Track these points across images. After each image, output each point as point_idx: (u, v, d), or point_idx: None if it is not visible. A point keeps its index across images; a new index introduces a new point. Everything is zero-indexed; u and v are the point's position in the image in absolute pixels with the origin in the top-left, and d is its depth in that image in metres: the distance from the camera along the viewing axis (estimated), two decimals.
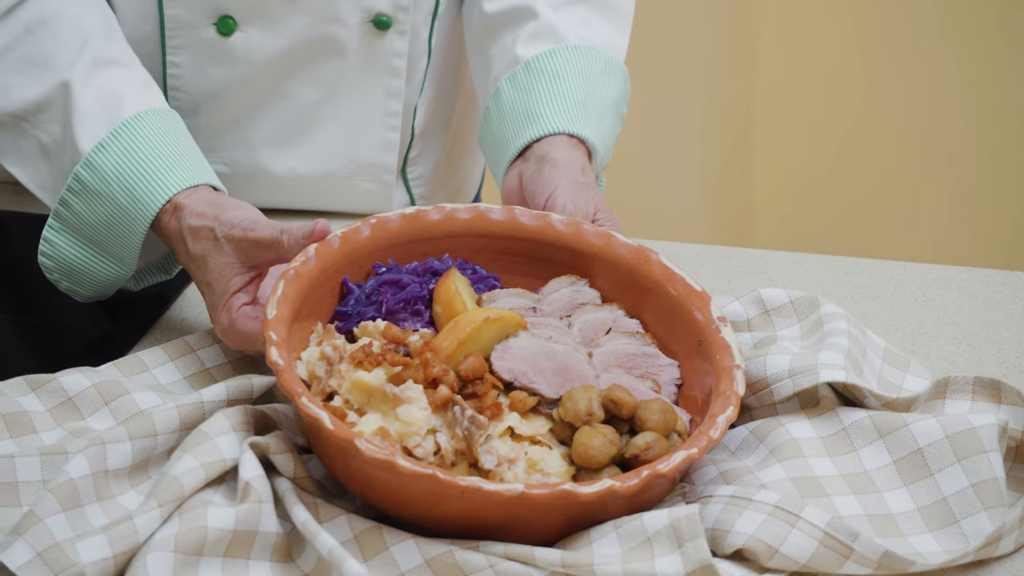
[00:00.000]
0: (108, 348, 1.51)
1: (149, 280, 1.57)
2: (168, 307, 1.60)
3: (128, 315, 1.59)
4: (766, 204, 3.68)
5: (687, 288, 1.39)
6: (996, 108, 3.51)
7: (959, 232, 3.61)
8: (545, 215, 1.45)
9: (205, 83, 1.71)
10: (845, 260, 1.70)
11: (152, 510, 1.20)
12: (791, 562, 1.19)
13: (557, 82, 1.65)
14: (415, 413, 1.25)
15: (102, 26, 1.55)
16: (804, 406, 1.36)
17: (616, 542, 1.19)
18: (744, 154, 3.63)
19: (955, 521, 1.25)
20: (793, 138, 3.61)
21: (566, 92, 1.64)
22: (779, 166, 3.65)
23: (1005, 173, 3.56)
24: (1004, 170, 3.56)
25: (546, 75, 1.66)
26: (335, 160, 1.77)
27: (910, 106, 3.55)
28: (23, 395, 1.38)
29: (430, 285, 1.40)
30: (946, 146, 3.56)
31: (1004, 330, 1.55)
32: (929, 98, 3.53)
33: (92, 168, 1.47)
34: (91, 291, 1.54)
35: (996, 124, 3.52)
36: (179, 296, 1.61)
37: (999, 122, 3.52)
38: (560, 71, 1.66)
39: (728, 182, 3.65)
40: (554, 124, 1.62)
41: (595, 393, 1.28)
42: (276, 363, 1.25)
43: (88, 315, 1.58)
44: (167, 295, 1.61)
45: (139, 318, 1.58)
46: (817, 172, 3.64)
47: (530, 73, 1.67)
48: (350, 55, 1.71)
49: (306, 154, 1.76)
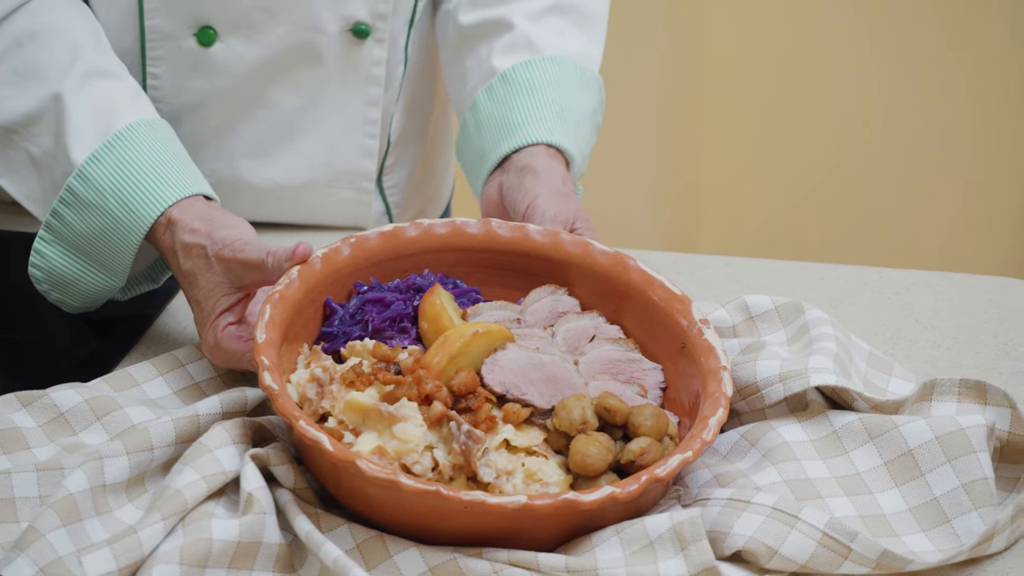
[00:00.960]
0: (95, 364, 1.52)
1: (137, 290, 1.57)
2: (152, 322, 1.60)
3: (114, 331, 1.59)
4: (713, 214, 3.72)
5: (667, 292, 1.41)
6: (945, 115, 3.56)
7: (904, 237, 3.66)
8: (522, 227, 1.47)
9: (185, 94, 1.71)
10: (821, 266, 1.72)
11: (156, 523, 1.21)
12: (790, 563, 1.21)
13: (534, 93, 1.67)
14: (411, 430, 1.26)
15: (91, 37, 1.55)
16: (793, 410, 1.38)
17: (618, 546, 1.21)
18: (693, 164, 3.66)
19: (947, 521, 1.27)
20: (741, 148, 3.65)
21: (543, 103, 1.66)
22: (726, 176, 3.68)
23: (955, 178, 3.61)
24: (954, 175, 3.61)
25: (523, 86, 1.68)
26: (315, 169, 1.77)
27: (858, 114, 3.59)
28: (14, 411, 1.38)
29: (414, 302, 1.41)
30: (894, 153, 3.61)
31: (981, 332, 1.58)
32: (877, 104, 3.57)
33: (85, 180, 1.47)
34: (81, 302, 1.55)
35: (946, 130, 3.57)
36: (162, 312, 1.61)
37: (949, 128, 3.57)
38: (537, 82, 1.68)
39: (676, 192, 3.68)
40: (533, 135, 1.63)
41: (588, 402, 1.29)
42: (271, 387, 1.26)
43: (74, 331, 1.59)
44: (150, 312, 1.61)
45: (125, 333, 1.58)
46: (765, 181, 3.68)
47: (507, 84, 1.69)
48: (329, 64, 1.72)
49: (286, 164, 1.77)
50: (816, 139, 3.62)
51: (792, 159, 3.65)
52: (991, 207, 3.62)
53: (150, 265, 1.57)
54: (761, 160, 3.65)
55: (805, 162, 3.64)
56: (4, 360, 1.55)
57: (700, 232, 3.70)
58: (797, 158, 3.65)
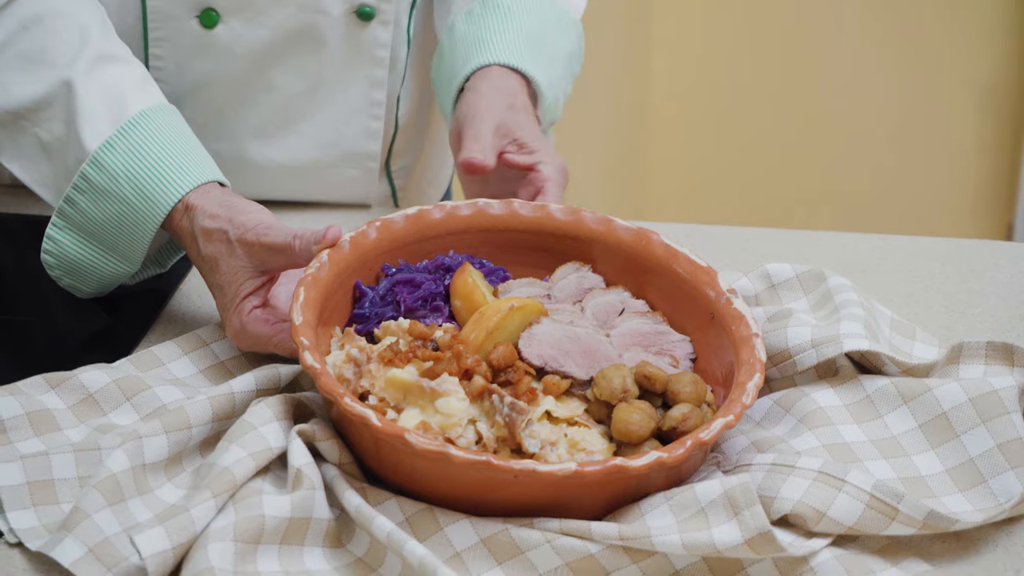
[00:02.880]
0: (114, 345, 1.51)
1: (145, 274, 1.57)
2: (167, 302, 1.59)
3: (127, 311, 1.58)
4: (661, 192, 3.75)
5: (692, 265, 1.42)
6: (882, 91, 3.60)
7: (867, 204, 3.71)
8: (544, 206, 1.47)
9: (188, 75, 1.70)
10: (827, 234, 1.74)
11: (207, 501, 1.20)
12: (838, 525, 1.22)
13: (511, 18, 1.67)
14: (454, 404, 1.26)
15: (98, 21, 1.54)
16: (822, 376, 1.40)
17: (669, 513, 1.22)
18: (643, 143, 3.69)
19: (983, 481, 1.29)
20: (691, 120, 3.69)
21: (517, 28, 1.67)
22: (675, 155, 3.72)
23: (893, 149, 3.66)
24: (892, 147, 3.66)
25: (501, 10, 1.68)
26: (320, 150, 1.77)
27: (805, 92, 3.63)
28: (43, 393, 1.37)
29: (445, 281, 1.41)
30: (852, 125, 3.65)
31: (992, 297, 1.60)
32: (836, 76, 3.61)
33: (100, 166, 1.46)
34: (93, 288, 1.54)
35: (883, 106, 3.62)
36: (176, 291, 1.61)
37: (885, 104, 3.62)
38: (515, 8, 1.68)
39: (626, 167, 3.71)
40: (499, 55, 1.63)
41: (627, 371, 1.30)
42: (312, 367, 1.26)
43: (88, 312, 1.57)
44: (164, 290, 1.61)
45: (139, 314, 1.57)
46: (710, 156, 3.72)
47: (485, 7, 1.69)
48: (333, 46, 1.72)
49: (290, 145, 1.76)
50: (771, 110, 3.66)
51: (748, 129, 3.69)
52: (945, 174, 3.68)
53: (157, 250, 1.56)
54: (714, 131, 3.69)
55: (761, 132, 3.68)
56: (21, 343, 1.54)
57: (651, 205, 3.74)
58: (753, 128, 3.69)
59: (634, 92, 3.66)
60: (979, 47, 3.54)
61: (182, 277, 1.63)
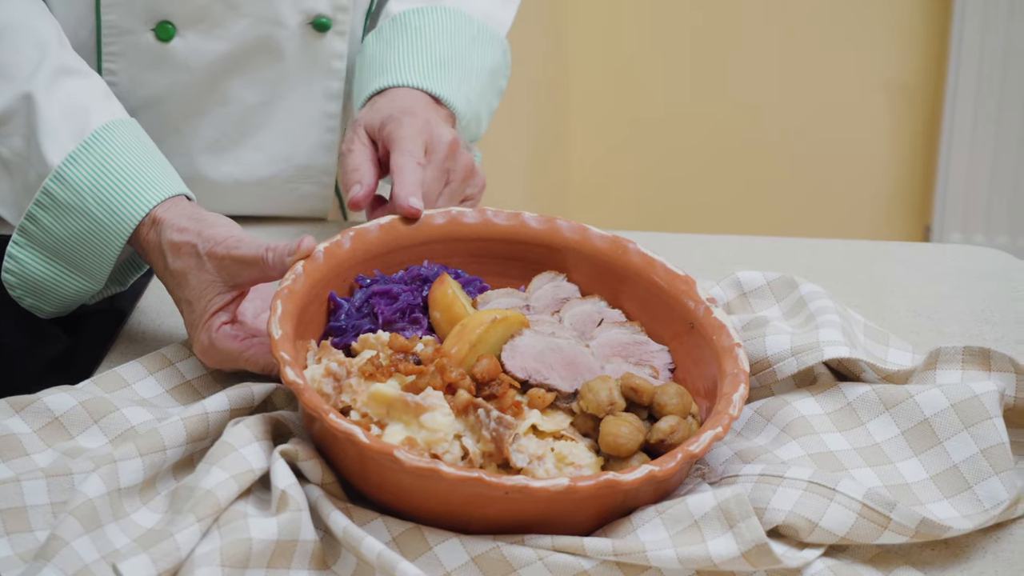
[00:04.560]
0: (75, 366, 1.49)
1: (104, 293, 1.53)
2: (126, 320, 1.56)
3: (86, 331, 1.55)
4: (582, 201, 3.75)
5: (670, 274, 1.41)
6: (792, 93, 3.63)
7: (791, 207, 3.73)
8: (518, 214, 1.46)
9: (143, 89, 1.67)
10: (791, 241, 1.74)
11: (191, 525, 1.18)
12: (830, 535, 1.21)
13: (419, 38, 1.65)
14: (439, 419, 1.24)
15: (55, 35, 1.50)
16: (800, 384, 1.39)
17: (661, 527, 1.20)
18: (562, 144, 3.69)
19: (969, 487, 1.28)
20: (609, 126, 3.69)
21: (425, 48, 1.64)
22: (596, 156, 3.72)
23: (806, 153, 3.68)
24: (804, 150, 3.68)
25: (409, 30, 1.66)
26: (275, 164, 1.74)
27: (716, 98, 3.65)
28: (8, 417, 1.34)
29: (423, 292, 1.39)
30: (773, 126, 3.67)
31: (958, 300, 1.60)
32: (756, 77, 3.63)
33: (63, 182, 1.42)
34: (55, 308, 1.50)
35: (793, 108, 3.64)
36: (134, 309, 1.58)
37: (796, 106, 3.64)
38: (424, 28, 1.66)
39: (547, 171, 3.71)
40: (405, 77, 1.61)
41: (614, 383, 1.29)
42: (295, 382, 1.23)
43: (46, 333, 1.54)
44: (122, 308, 1.57)
45: (98, 333, 1.54)
46: (632, 159, 3.73)
47: (394, 28, 1.67)
48: (289, 57, 1.69)
49: (246, 159, 1.73)
50: (683, 117, 3.67)
51: (663, 137, 3.70)
52: (860, 177, 3.70)
53: (117, 268, 1.52)
54: (631, 142, 3.70)
55: (676, 140, 3.70)
56: None
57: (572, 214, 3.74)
58: (668, 136, 3.70)
59: (553, 103, 3.65)
60: (891, 46, 3.57)
61: (139, 295, 1.59)
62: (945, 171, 3.59)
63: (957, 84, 3.51)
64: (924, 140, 3.65)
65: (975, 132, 3.55)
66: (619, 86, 3.65)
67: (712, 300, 1.38)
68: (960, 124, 3.55)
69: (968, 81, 3.51)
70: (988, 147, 3.56)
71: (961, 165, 3.57)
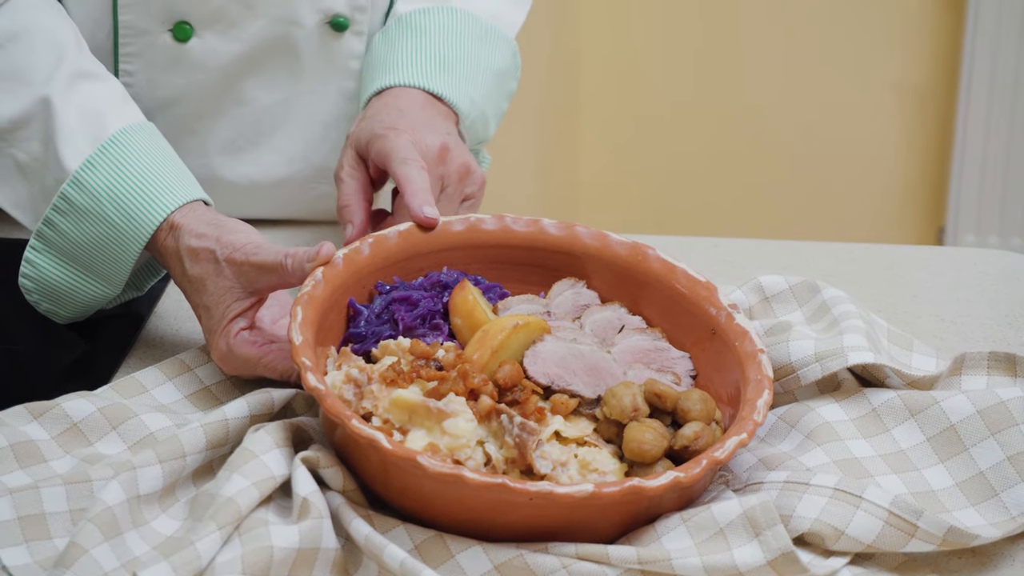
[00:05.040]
0: (92, 371, 1.47)
1: (122, 298, 1.52)
2: (143, 325, 1.55)
3: (104, 336, 1.53)
4: (591, 205, 3.74)
5: (691, 280, 1.40)
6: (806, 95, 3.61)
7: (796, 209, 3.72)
8: (537, 221, 1.45)
9: (159, 91, 1.66)
10: (809, 244, 1.73)
11: (212, 533, 1.17)
12: (856, 543, 1.20)
13: (423, 38, 1.63)
14: (462, 425, 1.23)
15: (72, 38, 1.49)
16: (823, 390, 1.38)
17: (686, 535, 1.19)
18: (571, 144, 3.68)
19: (995, 494, 1.27)
20: (617, 126, 3.68)
21: (429, 48, 1.62)
22: (604, 157, 3.71)
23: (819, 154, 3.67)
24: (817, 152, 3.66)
25: (414, 30, 1.64)
26: (292, 165, 1.73)
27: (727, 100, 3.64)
28: (26, 424, 1.33)
29: (443, 298, 1.38)
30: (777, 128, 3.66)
31: (981, 305, 1.59)
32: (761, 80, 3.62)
33: (80, 186, 1.41)
34: (72, 313, 1.49)
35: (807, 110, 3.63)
36: (152, 313, 1.56)
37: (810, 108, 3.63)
38: (429, 27, 1.64)
39: (555, 171, 3.70)
40: (404, 76, 1.59)
41: (637, 388, 1.28)
42: (317, 388, 1.22)
43: (64, 338, 1.53)
44: (140, 313, 1.56)
45: (116, 338, 1.53)
46: (641, 158, 3.71)
47: (400, 27, 1.65)
48: (307, 57, 1.68)
49: (263, 160, 1.72)
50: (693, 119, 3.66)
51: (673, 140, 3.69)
52: (873, 179, 3.69)
53: (135, 273, 1.51)
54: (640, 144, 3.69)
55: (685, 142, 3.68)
56: None
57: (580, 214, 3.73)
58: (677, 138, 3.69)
59: (561, 104, 3.64)
60: (904, 47, 3.55)
61: (157, 299, 1.58)
62: (958, 173, 3.57)
63: (970, 85, 3.49)
64: (937, 142, 3.63)
65: (988, 134, 3.54)
66: (627, 85, 3.64)
67: (734, 306, 1.36)
68: (973, 126, 3.53)
69: (981, 82, 3.50)
70: (1001, 149, 3.54)
71: (974, 167, 3.56)
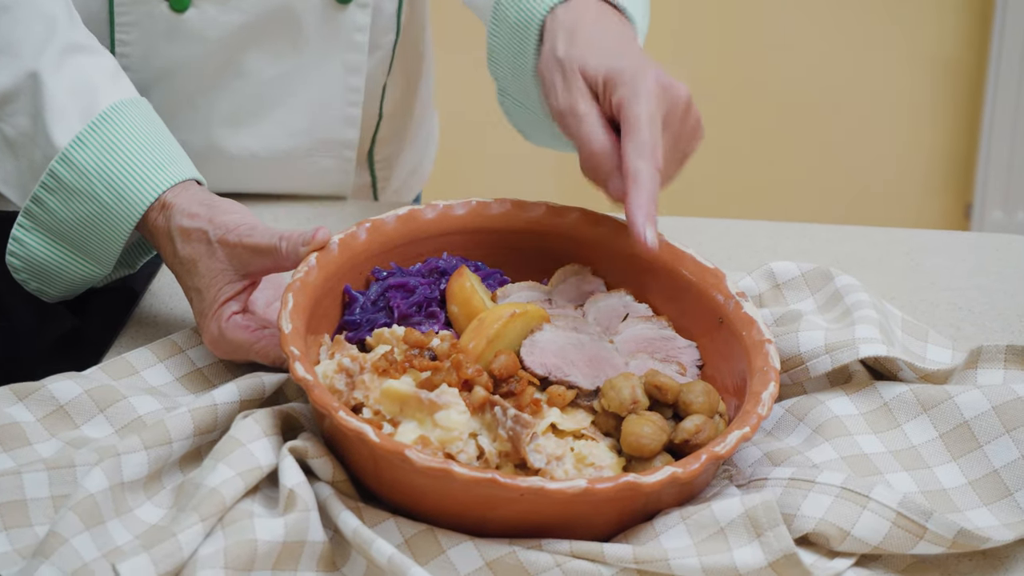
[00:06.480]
0: (82, 350, 1.43)
1: (114, 275, 1.48)
2: (137, 302, 1.51)
3: (95, 313, 1.50)
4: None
5: (699, 266, 1.35)
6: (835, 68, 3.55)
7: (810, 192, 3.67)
8: (542, 204, 1.39)
9: (157, 62, 1.61)
10: (825, 228, 1.68)
11: (194, 525, 1.13)
12: (863, 544, 1.16)
13: None
14: (454, 417, 1.19)
15: (64, 10, 1.45)
16: (834, 382, 1.34)
17: (685, 534, 1.15)
18: None
19: (1009, 494, 1.22)
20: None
21: None
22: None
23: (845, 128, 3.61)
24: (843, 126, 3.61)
25: None
26: (294, 138, 1.69)
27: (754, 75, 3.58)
28: (11, 405, 1.29)
29: (440, 285, 1.34)
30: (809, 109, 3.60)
31: (1000, 293, 1.54)
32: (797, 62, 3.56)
33: (70, 164, 1.37)
34: (62, 291, 1.45)
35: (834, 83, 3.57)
36: (146, 291, 1.53)
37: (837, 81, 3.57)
38: None
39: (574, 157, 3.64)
40: None
41: (637, 380, 1.23)
42: (305, 379, 1.18)
43: (53, 314, 1.49)
44: (133, 289, 1.52)
45: (108, 315, 1.49)
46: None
47: None
48: (309, 29, 1.63)
49: (263, 133, 1.68)
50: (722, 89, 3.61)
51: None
52: (901, 152, 3.63)
53: (126, 250, 1.47)
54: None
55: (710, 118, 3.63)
56: None
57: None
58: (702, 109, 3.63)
59: None
60: (932, 20, 3.49)
61: (152, 275, 1.55)
62: (987, 148, 3.52)
63: (1000, 59, 3.43)
64: (966, 116, 3.57)
65: (1018, 108, 3.48)
66: None
67: (742, 294, 1.32)
68: (1003, 100, 3.48)
69: (1012, 56, 3.44)
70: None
71: (1004, 142, 3.50)
